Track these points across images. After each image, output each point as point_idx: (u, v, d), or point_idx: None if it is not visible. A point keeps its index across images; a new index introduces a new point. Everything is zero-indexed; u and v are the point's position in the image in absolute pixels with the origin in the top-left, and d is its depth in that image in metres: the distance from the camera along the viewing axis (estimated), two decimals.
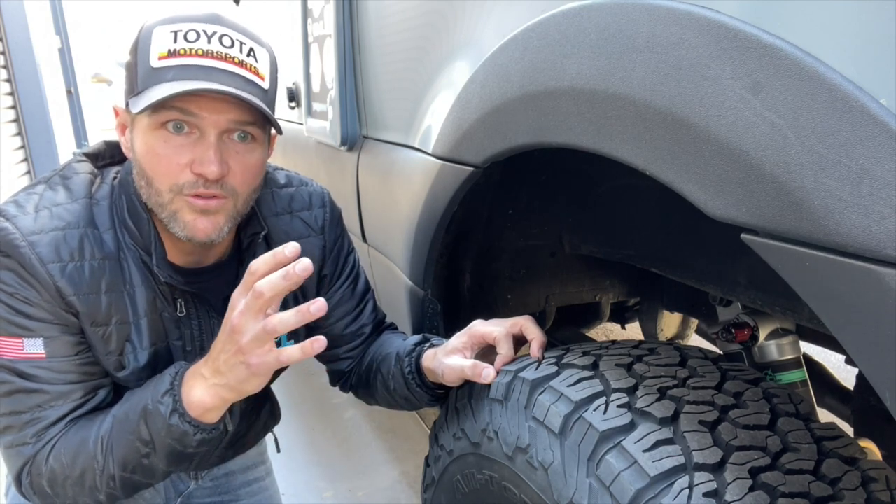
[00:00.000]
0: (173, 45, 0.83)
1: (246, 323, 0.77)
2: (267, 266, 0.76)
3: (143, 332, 0.94)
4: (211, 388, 0.83)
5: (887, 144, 0.43)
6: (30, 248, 0.84)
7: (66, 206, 0.89)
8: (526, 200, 1.21)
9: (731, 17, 0.54)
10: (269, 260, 0.76)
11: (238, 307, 0.78)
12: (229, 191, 0.88)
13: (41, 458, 0.87)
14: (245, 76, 0.85)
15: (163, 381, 0.87)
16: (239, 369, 0.80)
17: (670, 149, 0.59)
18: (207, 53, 0.83)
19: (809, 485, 0.64)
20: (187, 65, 0.82)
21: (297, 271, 0.73)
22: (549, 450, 0.76)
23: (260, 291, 0.75)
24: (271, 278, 0.75)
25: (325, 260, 1.12)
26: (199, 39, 0.83)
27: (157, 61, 0.82)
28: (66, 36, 5.49)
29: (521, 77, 0.80)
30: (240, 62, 0.85)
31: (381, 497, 2.00)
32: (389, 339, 1.16)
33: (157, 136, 0.84)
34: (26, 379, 0.86)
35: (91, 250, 0.89)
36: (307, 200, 1.11)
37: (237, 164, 0.87)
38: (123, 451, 0.86)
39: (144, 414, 0.85)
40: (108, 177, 0.96)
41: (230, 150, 0.87)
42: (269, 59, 0.91)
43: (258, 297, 0.75)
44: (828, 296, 0.49)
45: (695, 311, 1.31)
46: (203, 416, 0.84)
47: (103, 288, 0.89)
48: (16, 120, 4.11)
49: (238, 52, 0.85)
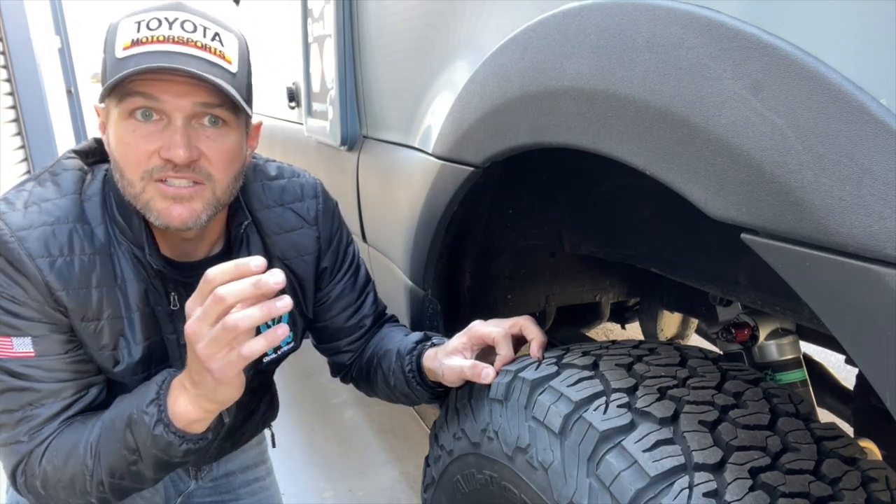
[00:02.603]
0: (136, 34, 0.82)
1: (202, 329, 0.72)
2: (227, 275, 0.71)
3: (136, 327, 0.93)
4: (193, 399, 0.81)
5: (887, 144, 0.43)
6: (19, 244, 0.84)
7: (55, 202, 0.89)
8: (526, 200, 1.21)
9: (731, 17, 0.54)
10: (229, 269, 0.71)
11: (194, 314, 0.74)
12: (204, 175, 0.86)
13: (35, 459, 0.87)
14: (209, 59, 0.84)
15: (150, 389, 0.86)
16: (206, 378, 0.76)
17: (670, 149, 0.59)
18: (169, 39, 0.82)
19: (809, 485, 0.64)
20: (149, 51, 0.81)
21: (271, 282, 0.69)
22: (549, 450, 0.76)
23: (221, 296, 0.70)
24: (237, 284, 0.70)
25: (322, 251, 1.11)
26: (160, 26, 0.82)
27: (121, 52, 0.82)
28: (66, 36, 5.49)
29: (521, 77, 0.80)
30: (203, 45, 0.84)
31: (381, 497, 2.00)
32: (391, 334, 1.16)
33: (126, 125, 0.84)
34: (17, 377, 0.86)
35: (81, 245, 0.88)
36: (299, 192, 1.10)
37: (209, 148, 0.86)
38: (111, 458, 0.85)
39: (130, 422, 0.84)
40: (99, 173, 0.96)
41: (200, 134, 0.86)
42: (236, 43, 0.89)
43: (218, 303, 0.70)
44: (828, 296, 0.49)
45: (695, 311, 1.31)
46: (188, 427, 0.83)
47: (94, 283, 0.89)
48: (16, 120, 4.11)
49: (201, 36, 0.84)
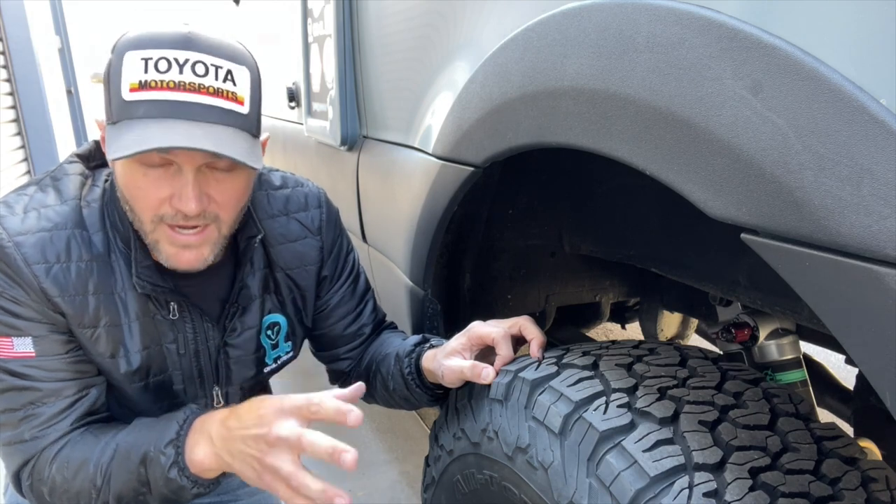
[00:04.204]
0: (144, 76, 0.79)
1: (281, 452, 0.76)
2: (330, 414, 0.77)
3: (135, 335, 0.93)
4: (215, 454, 0.82)
5: (887, 144, 0.43)
6: (15, 249, 0.84)
7: (54, 208, 0.89)
8: (526, 200, 1.21)
9: (731, 17, 0.54)
10: (334, 410, 0.77)
11: (283, 428, 0.76)
12: (212, 218, 0.87)
13: (44, 464, 0.87)
14: (221, 106, 0.82)
15: (170, 427, 0.86)
16: (249, 464, 0.79)
17: (670, 149, 0.59)
18: (179, 86, 0.79)
19: (809, 485, 0.64)
20: (158, 100, 0.79)
21: (346, 461, 0.73)
22: (549, 450, 0.76)
23: (311, 441, 0.75)
24: (324, 442, 0.74)
25: (324, 261, 1.12)
26: (170, 70, 0.79)
27: (128, 93, 0.79)
28: (66, 36, 5.48)
29: (521, 77, 0.80)
30: (215, 91, 0.81)
31: (381, 497, 2.00)
32: (389, 339, 1.16)
33: (135, 168, 0.82)
34: (18, 377, 0.86)
35: (79, 252, 0.88)
36: (303, 201, 1.10)
37: (219, 192, 0.86)
38: (121, 485, 0.86)
39: (145, 459, 0.85)
40: (100, 179, 0.95)
41: (210, 179, 0.85)
42: (248, 77, 0.85)
43: (303, 447, 0.75)
44: (828, 296, 0.49)
45: (695, 311, 1.31)
46: (202, 473, 0.84)
47: (91, 289, 0.89)
48: (16, 120, 4.11)
49: (213, 79, 0.81)
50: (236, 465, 0.80)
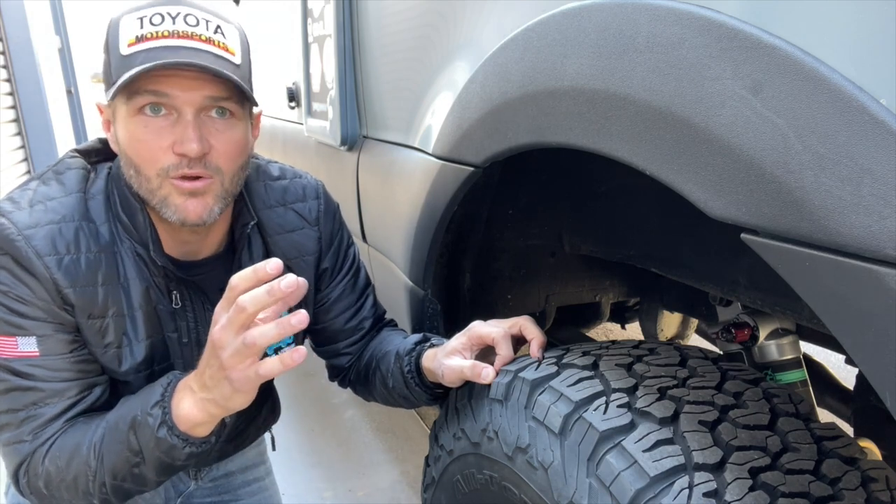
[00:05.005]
0: (140, 30, 0.83)
1: (227, 337, 0.75)
2: (247, 282, 0.73)
3: (139, 325, 0.94)
4: (199, 402, 0.81)
5: (887, 144, 0.43)
6: (26, 242, 0.84)
7: (60, 200, 0.90)
8: (526, 200, 1.21)
9: (731, 17, 0.54)
10: (249, 275, 0.73)
11: (220, 321, 0.76)
12: (214, 169, 0.88)
13: (37, 459, 0.87)
14: (214, 52, 0.85)
15: (154, 391, 0.86)
16: (223, 385, 0.77)
17: (670, 149, 0.59)
18: (174, 34, 0.83)
19: (809, 485, 0.64)
20: (155, 47, 0.82)
21: (283, 287, 0.71)
22: (549, 450, 0.76)
23: (242, 306, 0.72)
24: (255, 293, 0.72)
25: (323, 252, 1.12)
26: (164, 21, 0.83)
27: (126, 48, 0.83)
28: (66, 36, 5.48)
29: (521, 77, 0.80)
30: (207, 38, 0.85)
31: (381, 497, 2.00)
32: (389, 337, 1.16)
33: (136, 122, 0.84)
34: (21, 377, 0.86)
35: (87, 243, 0.89)
36: (301, 192, 1.11)
37: (218, 140, 0.87)
38: (114, 459, 0.85)
39: (134, 424, 0.84)
40: (102, 172, 0.96)
41: (210, 127, 0.87)
42: (238, 35, 0.90)
43: (240, 312, 0.73)
44: (828, 296, 0.49)
45: (695, 311, 1.31)
46: (192, 430, 0.83)
47: (100, 280, 0.89)
48: (16, 120, 4.11)
49: (204, 29, 0.85)
50: (215, 393, 0.79)
